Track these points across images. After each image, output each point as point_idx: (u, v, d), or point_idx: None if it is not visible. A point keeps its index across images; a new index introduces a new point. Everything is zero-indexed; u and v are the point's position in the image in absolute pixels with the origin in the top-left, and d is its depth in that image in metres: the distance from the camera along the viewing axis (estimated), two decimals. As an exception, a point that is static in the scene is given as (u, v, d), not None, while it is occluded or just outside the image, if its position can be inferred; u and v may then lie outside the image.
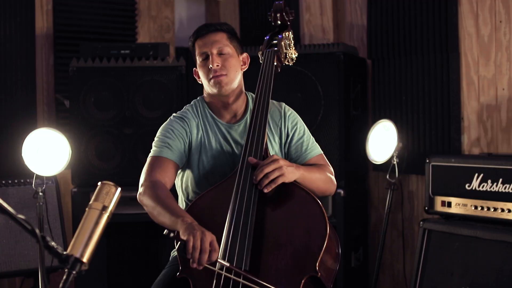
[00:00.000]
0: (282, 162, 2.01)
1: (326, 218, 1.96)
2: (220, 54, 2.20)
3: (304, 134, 2.30)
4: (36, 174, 2.97)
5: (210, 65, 2.18)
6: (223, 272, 1.87)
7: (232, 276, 1.85)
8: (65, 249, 3.43)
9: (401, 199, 3.49)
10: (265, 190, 1.99)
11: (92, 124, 3.48)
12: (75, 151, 3.23)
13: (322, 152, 2.32)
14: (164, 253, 3.60)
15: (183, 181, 2.28)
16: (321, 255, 1.90)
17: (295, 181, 2.06)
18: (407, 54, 3.51)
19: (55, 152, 3.02)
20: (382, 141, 3.27)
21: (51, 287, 3.73)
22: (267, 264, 1.94)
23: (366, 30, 3.75)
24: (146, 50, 3.59)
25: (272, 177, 1.98)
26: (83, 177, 3.50)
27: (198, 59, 2.24)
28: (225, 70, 2.19)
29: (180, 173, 2.28)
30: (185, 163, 2.24)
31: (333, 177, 2.25)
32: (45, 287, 3.02)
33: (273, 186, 1.99)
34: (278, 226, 1.99)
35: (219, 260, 1.85)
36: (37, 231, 1.54)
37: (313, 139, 2.33)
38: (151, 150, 2.22)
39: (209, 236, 1.81)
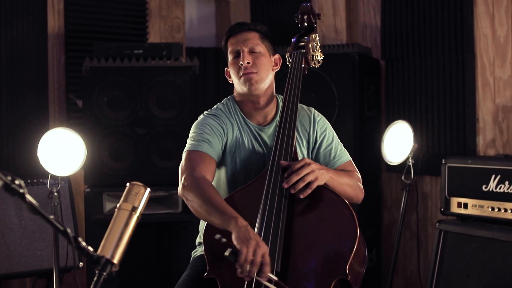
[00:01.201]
0: (314, 166, 2.00)
1: (356, 221, 1.96)
2: (251, 52, 2.19)
3: (333, 140, 2.28)
4: (51, 174, 2.95)
5: (240, 62, 2.17)
6: (255, 277, 1.85)
7: (265, 282, 1.82)
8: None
9: (416, 200, 3.48)
10: (301, 196, 1.98)
11: (105, 124, 3.46)
12: (88, 151, 3.21)
13: (351, 159, 2.30)
14: (176, 253, 3.58)
15: (214, 179, 2.25)
16: (351, 258, 1.90)
17: (324, 183, 2.05)
18: (422, 55, 3.50)
19: (70, 152, 3.01)
20: (398, 142, 3.26)
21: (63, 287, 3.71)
22: (297, 266, 1.93)
23: (379, 31, 3.74)
24: (159, 50, 3.57)
25: (307, 180, 1.97)
26: (96, 177, 3.48)
27: (230, 57, 2.23)
28: (256, 68, 2.18)
29: None
30: (220, 163, 2.22)
31: (361, 185, 2.24)
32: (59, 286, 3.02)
33: (309, 191, 1.98)
34: (308, 228, 1.99)
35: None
36: (69, 230, 1.53)
37: (342, 145, 2.32)
38: (188, 145, 2.17)
39: (263, 248, 1.78)
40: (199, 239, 2.36)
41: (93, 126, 3.44)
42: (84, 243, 1.57)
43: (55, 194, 3.01)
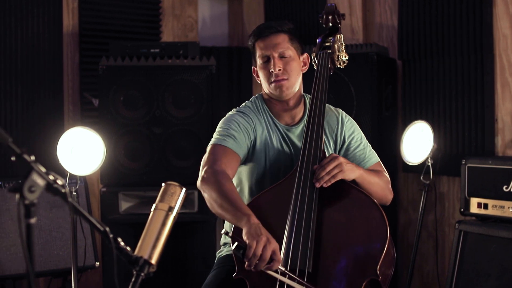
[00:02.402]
0: (342, 159, 2.01)
1: (386, 221, 1.95)
2: (281, 57, 2.18)
3: (361, 142, 2.29)
4: (70, 174, 2.94)
5: (271, 69, 2.16)
6: (287, 280, 1.84)
7: (296, 285, 1.82)
8: (96, 250, 3.34)
9: (435, 200, 3.47)
10: (324, 185, 1.99)
11: (121, 123, 3.45)
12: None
13: (379, 160, 2.31)
14: (192, 253, 3.57)
15: (241, 177, 2.25)
16: (382, 259, 1.89)
17: (354, 182, 2.05)
18: (440, 55, 3.48)
19: (89, 152, 3.00)
20: (417, 142, 3.24)
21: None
22: (327, 266, 1.93)
23: (396, 31, 3.73)
24: (176, 49, 3.55)
25: (332, 173, 1.98)
26: (112, 177, 3.47)
27: (259, 61, 2.22)
28: (287, 74, 2.18)
29: (239, 169, 2.24)
30: (247, 160, 2.21)
31: (390, 186, 2.24)
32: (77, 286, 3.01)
33: (332, 181, 1.99)
34: (338, 228, 1.99)
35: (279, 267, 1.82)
36: (107, 229, 1.52)
37: (370, 146, 2.33)
38: (213, 139, 2.16)
39: (273, 245, 1.78)
40: (225, 239, 2.35)
41: (109, 125, 3.43)
42: (122, 243, 1.56)
43: (74, 193, 3.01)
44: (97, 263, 3.38)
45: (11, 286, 3.30)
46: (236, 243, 1.80)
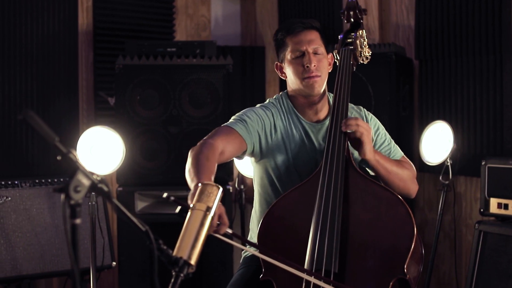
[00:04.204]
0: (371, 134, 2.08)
1: (413, 219, 1.94)
2: (315, 54, 2.17)
3: (386, 138, 2.30)
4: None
5: (307, 64, 2.15)
6: (313, 279, 1.83)
7: (220, 237, 1.73)
8: (112, 250, 3.33)
9: (453, 200, 3.46)
10: (348, 130, 2.04)
11: (137, 122, 3.43)
12: (120, 149, 3.18)
13: (403, 154, 2.30)
14: (208, 253, 3.55)
15: (263, 175, 2.23)
16: (409, 257, 1.88)
17: (379, 181, 2.07)
18: (458, 55, 3.47)
19: (108, 151, 2.99)
20: (436, 143, 3.24)
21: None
22: (354, 266, 1.92)
23: (412, 31, 3.71)
24: (192, 48, 3.54)
25: (360, 128, 2.02)
26: (128, 176, 3.45)
27: (290, 55, 2.19)
28: (319, 71, 2.17)
29: (261, 166, 2.23)
30: (268, 156, 2.19)
31: (414, 179, 2.22)
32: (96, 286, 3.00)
33: (357, 134, 2.02)
34: (365, 227, 1.97)
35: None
36: (147, 229, 1.51)
37: (393, 141, 2.33)
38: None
39: (218, 209, 1.65)
40: (250, 238, 2.34)
41: (126, 125, 3.41)
42: (163, 244, 1.54)
43: (93, 193, 2.99)
44: (114, 263, 3.37)
45: (27, 286, 3.29)
46: (179, 207, 1.68)
